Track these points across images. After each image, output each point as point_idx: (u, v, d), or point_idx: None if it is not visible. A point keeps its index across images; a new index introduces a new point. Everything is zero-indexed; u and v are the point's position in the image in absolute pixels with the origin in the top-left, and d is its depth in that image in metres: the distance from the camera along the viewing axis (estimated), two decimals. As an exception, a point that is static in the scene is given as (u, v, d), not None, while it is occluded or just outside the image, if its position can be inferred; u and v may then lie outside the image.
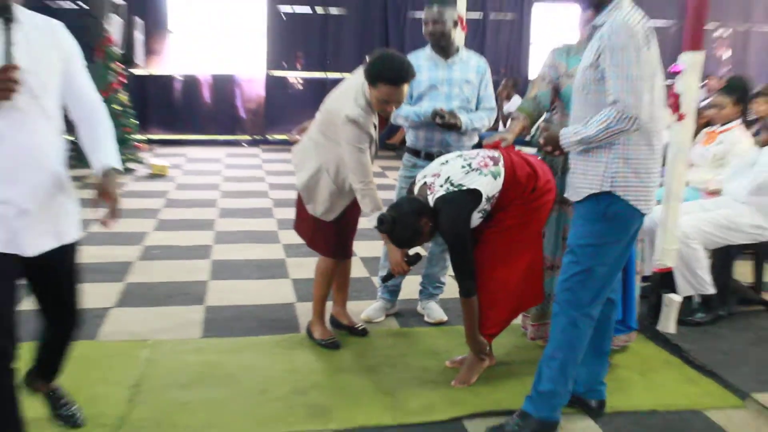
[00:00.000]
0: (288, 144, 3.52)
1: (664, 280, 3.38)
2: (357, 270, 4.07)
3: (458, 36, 4.07)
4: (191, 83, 9.94)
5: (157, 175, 7.42)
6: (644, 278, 3.49)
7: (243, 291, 3.93)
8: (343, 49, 10.10)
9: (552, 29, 10.81)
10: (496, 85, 9.64)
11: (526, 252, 2.80)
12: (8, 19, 1.76)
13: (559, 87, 2.95)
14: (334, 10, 10.12)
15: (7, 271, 1.90)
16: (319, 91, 8.38)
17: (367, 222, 2.99)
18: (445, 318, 3.54)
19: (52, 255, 2.00)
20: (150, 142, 9.02)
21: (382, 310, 3.59)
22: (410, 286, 3.71)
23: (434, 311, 3.57)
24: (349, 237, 3.28)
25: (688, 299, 3.50)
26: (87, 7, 8.09)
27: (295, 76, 10.32)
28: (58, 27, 1.99)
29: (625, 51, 2.20)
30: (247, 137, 10.31)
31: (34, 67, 1.82)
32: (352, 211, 3.15)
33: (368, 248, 4.61)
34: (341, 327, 3.36)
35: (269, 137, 10.31)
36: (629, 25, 2.22)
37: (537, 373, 2.45)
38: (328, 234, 3.15)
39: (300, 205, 3.19)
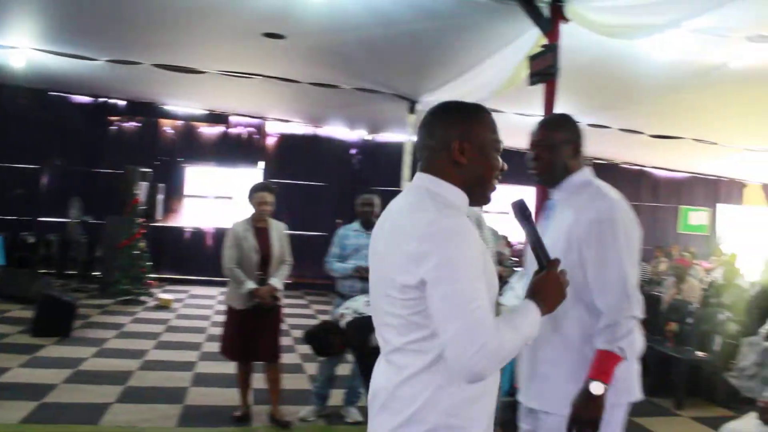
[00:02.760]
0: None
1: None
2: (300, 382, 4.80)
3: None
4: (198, 234, 10.72)
5: (162, 307, 8.13)
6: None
7: (218, 395, 4.58)
8: (322, 213, 10.83)
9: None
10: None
11: None
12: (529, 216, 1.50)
13: None
14: (314, 182, 11.16)
15: None
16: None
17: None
18: (360, 419, 4.22)
19: None
20: (161, 279, 9.80)
21: (315, 412, 4.27)
22: (337, 396, 4.41)
23: (353, 414, 4.30)
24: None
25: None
26: (122, 173, 8.84)
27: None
28: None
29: None
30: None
31: None
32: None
33: (312, 368, 5.16)
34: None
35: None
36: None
37: None
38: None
39: None
